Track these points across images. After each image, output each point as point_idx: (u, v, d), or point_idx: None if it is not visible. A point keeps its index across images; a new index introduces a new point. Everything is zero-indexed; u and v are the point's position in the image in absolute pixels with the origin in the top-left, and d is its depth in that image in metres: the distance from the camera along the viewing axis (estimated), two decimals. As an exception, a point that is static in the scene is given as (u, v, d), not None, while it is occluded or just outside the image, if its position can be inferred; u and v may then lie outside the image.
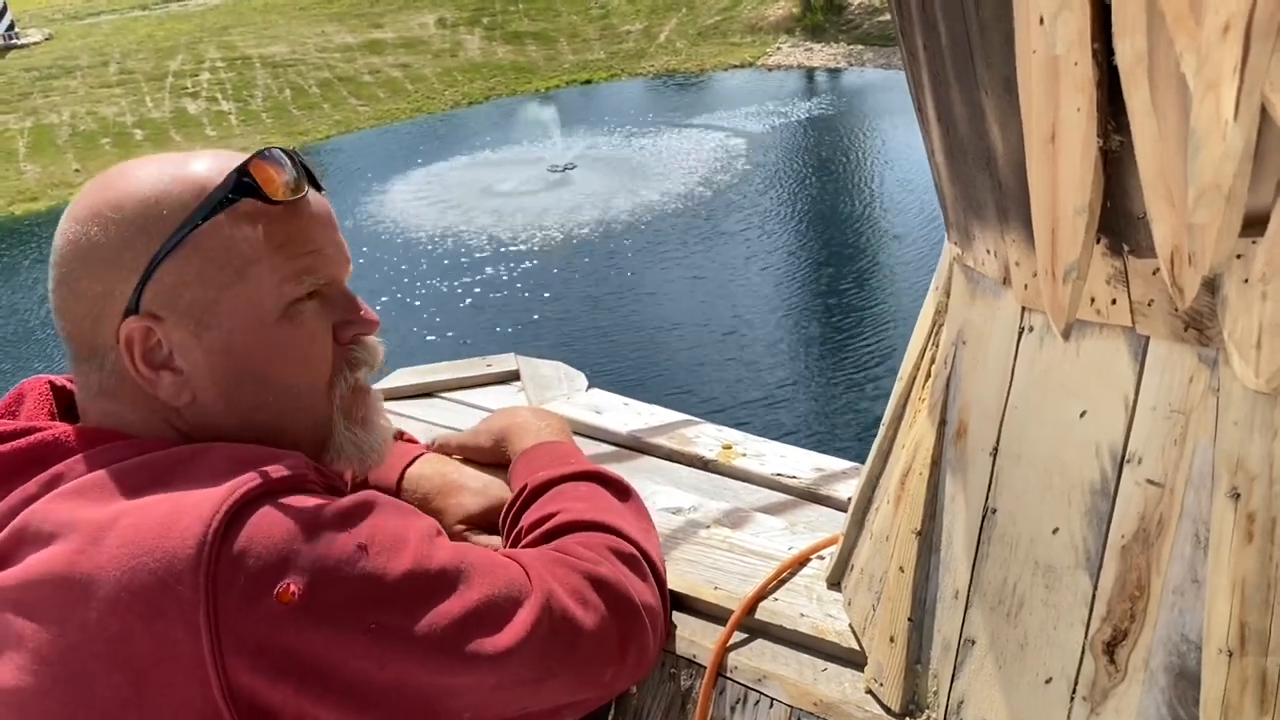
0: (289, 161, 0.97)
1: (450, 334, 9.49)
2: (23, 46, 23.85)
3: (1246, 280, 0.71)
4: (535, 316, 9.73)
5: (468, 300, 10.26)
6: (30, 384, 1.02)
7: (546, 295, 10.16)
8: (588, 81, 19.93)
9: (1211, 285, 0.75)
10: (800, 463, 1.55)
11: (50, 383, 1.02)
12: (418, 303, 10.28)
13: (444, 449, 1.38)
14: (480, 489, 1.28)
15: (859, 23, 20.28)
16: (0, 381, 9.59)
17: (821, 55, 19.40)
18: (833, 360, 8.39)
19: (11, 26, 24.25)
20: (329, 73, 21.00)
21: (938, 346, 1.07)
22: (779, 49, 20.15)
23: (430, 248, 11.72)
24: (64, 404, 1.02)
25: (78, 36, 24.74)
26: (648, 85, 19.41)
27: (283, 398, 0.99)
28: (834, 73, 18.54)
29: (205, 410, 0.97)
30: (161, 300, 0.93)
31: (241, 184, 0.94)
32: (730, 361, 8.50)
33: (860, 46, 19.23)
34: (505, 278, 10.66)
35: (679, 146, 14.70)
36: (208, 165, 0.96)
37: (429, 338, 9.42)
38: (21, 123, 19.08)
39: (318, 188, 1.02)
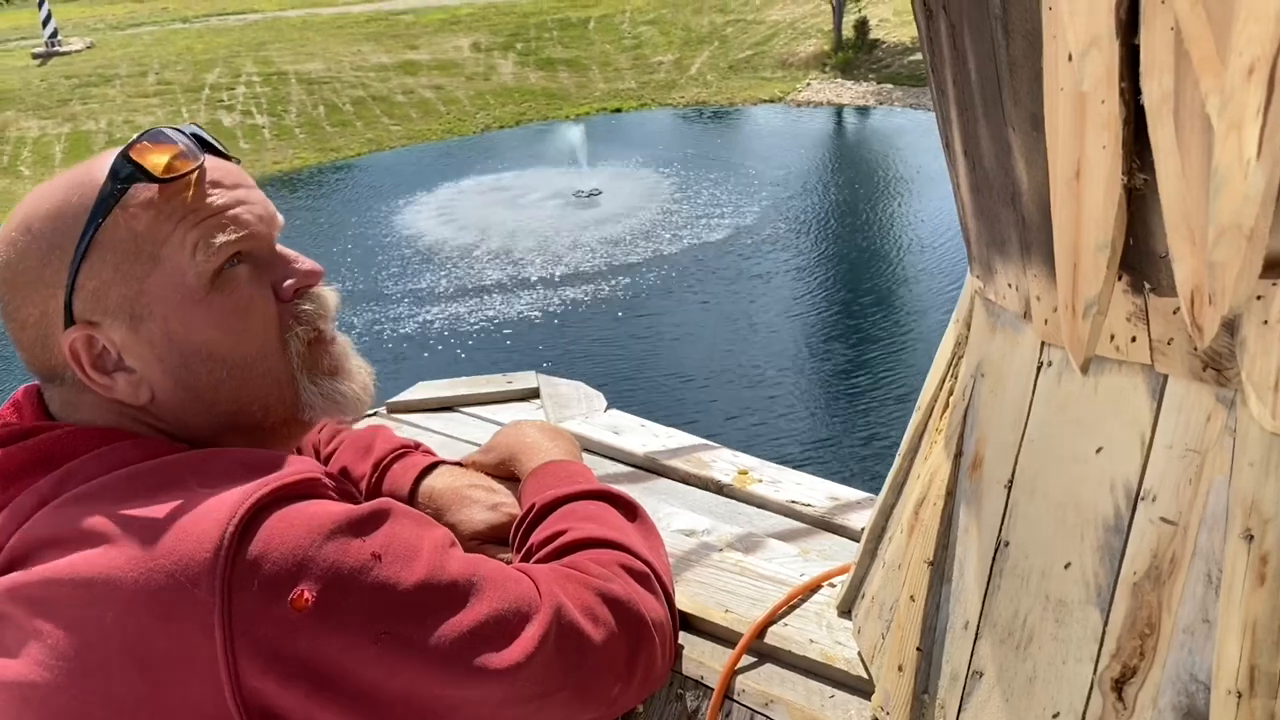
0: (178, 136, 0.96)
1: (477, 350, 9.53)
2: (65, 54, 24.25)
3: (1266, 322, 0.71)
4: (554, 337, 9.76)
5: (488, 317, 10.30)
6: (24, 391, 1.03)
7: (566, 317, 10.20)
8: (617, 110, 20.07)
9: (1231, 326, 0.75)
10: (815, 491, 1.55)
11: (40, 390, 1.03)
12: (439, 318, 10.34)
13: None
14: (493, 504, 1.28)
15: (889, 62, 20.37)
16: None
17: (851, 93, 19.48)
18: (852, 392, 8.36)
19: (55, 34, 24.67)
20: (363, 91, 21.24)
21: (956, 378, 1.08)
22: (809, 85, 20.26)
23: (454, 265, 11.80)
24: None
25: (118, 46, 25.13)
26: (677, 116, 19.53)
27: (237, 370, 0.98)
28: (863, 110, 18.61)
29: (167, 402, 0.97)
30: (91, 305, 0.93)
31: (128, 170, 0.93)
32: (749, 388, 8.49)
33: (890, 85, 19.31)
34: (526, 298, 10.71)
35: (704, 176, 14.76)
36: (100, 163, 0.96)
37: (445, 350, 9.45)
38: (60, 128, 19.38)
39: (221, 155, 1.01)
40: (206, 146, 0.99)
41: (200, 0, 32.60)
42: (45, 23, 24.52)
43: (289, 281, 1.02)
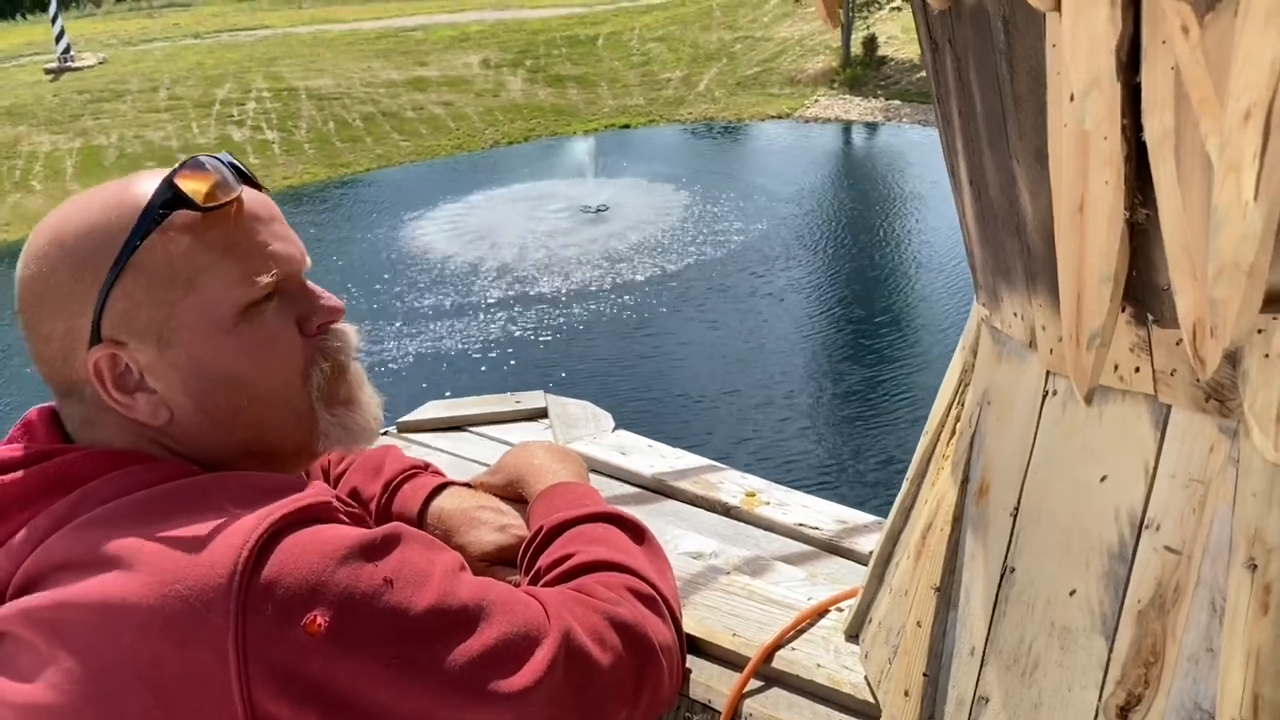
0: (218, 165, 0.97)
1: (483, 368, 9.55)
2: (77, 69, 24.41)
3: (1267, 355, 0.72)
4: (562, 356, 9.77)
5: (496, 336, 10.32)
6: (38, 411, 1.03)
7: (574, 335, 10.21)
8: (626, 126, 20.13)
9: (1233, 358, 0.76)
10: (823, 514, 1.56)
11: (54, 411, 1.04)
12: (447, 336, 10.36)
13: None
14: (502, 525, 1.29)
15: (897, 79, 20.41)
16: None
17: (859, 109, 19.52)
18: (861, 414, 8.35)
19: (68, 50, 24.84)
20: (373, 107, 21.34)
21: (963, 405, 1.08)
22: (817, 101, 20.30)
23: (462, 282, 11.83)
24: (66, 434, 1.03)
25: (130, 62, 25.30)
26: (685, 132, 19.59)
27: (258, 399, 0.99)
28: (871, 126, 18.64)
29: (186, 425, 0.98)
30: (119, 325, 0.94)
31: (170, 197, 0.94)
32: (758, 408, 8.48)
33: (898, 102, 19.34)
34: (533, 315, 10.73)
35: (712, 192, 14.79)
36: (142, 185, 0.97)
37: (453, 369, 9.48)
38: (71, 143, 19.49)
39: (256, 186, 1.02)
40: (242, 177, 1.01)
41: (212, 16, 32.83)
42: (58, 38, 24.70)
43: (314, 318, 1.03)
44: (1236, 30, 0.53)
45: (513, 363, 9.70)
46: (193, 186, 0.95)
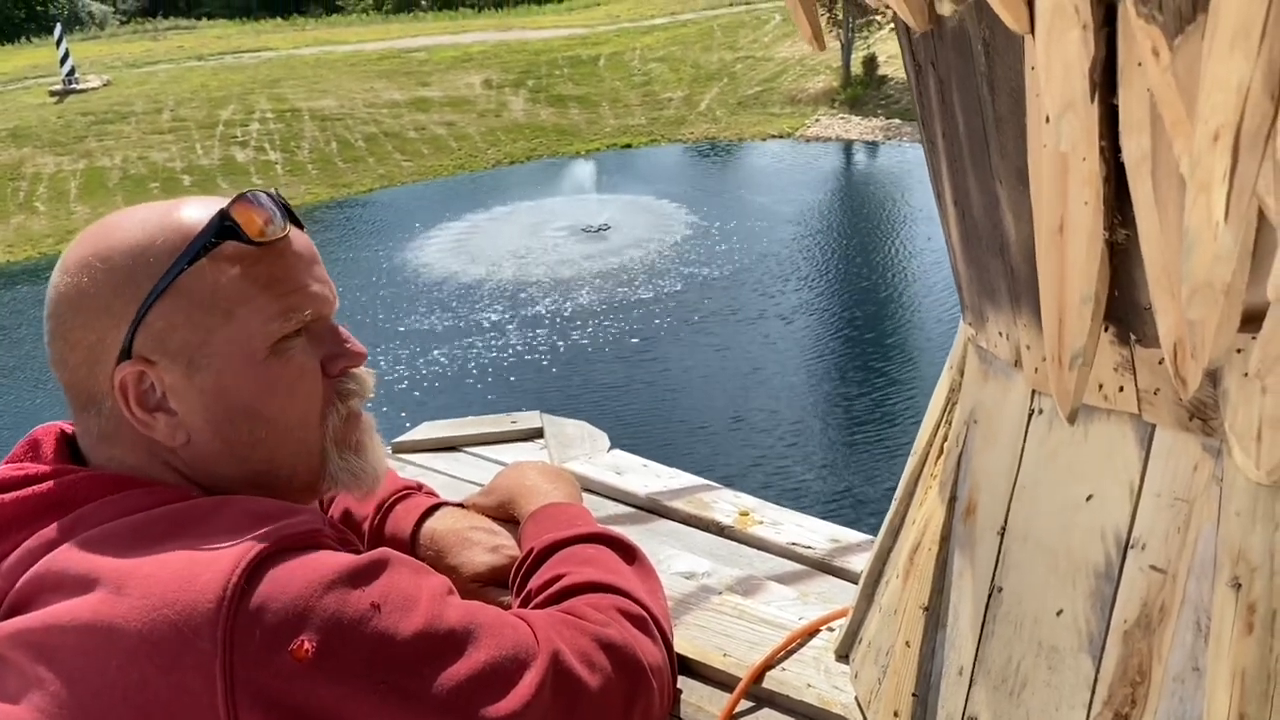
0: (270, 202, 1.00)
1: (478, 387, 9.55)
2: (82, 91, 24.57)
3: (1246, 374, 0.72)
4: (561, 375, 9.77)
5: (495, 355, 10.33)
6: (43, 430, 1.04)
7: (574, 354, 10.22)
8: (628, 145, 20.22)
9: (1214, 377, 0.77)
10: (816, 533, 1.56)
11: (62, 429, 1.05)
12: (446, 355, 10.37)
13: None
14: (494, 546, 1.29)
15: (898, 98, 20.50)
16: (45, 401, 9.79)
17: (859, 128, 19.60)
18: (855, 432, 8.33)
19: (72, 72, 25.00)
20: (375, 127, 21.46)
21: (950, 424, 1.09)
22: (818, 120, 20.39)
23: (462, 302, 11.86)
24: (75, 450, 1.04)
25: (135, 84, 25.46)
26: (686, 152, 19.66)
27: (276, 433, 1.01)
28: (871, 145, 18.71)
29: (201, 449, 0.99)
30: (152, 344, 0.96)
31: (224, 227, 0.96)
32: (752, 429, 8.47)
33: (898, 120, 19.42)
34: (534, 335, 10.74)
35: (713, 212, 14.83)
36: (192, 211, 0.99)
37: (449, 389, 9.47)
38: (75, 165, 19.60)
39: (299, 226, 1.04)
40: (289, 216, 1.03)
41: (216, 39, 33.03)
42: (63, 61, 24.86)
43: (339, 360, 1.05)
44: (1204, 54, 0.54)
45: (511, 380, 9.70)
46: (246, 219, 0.98)
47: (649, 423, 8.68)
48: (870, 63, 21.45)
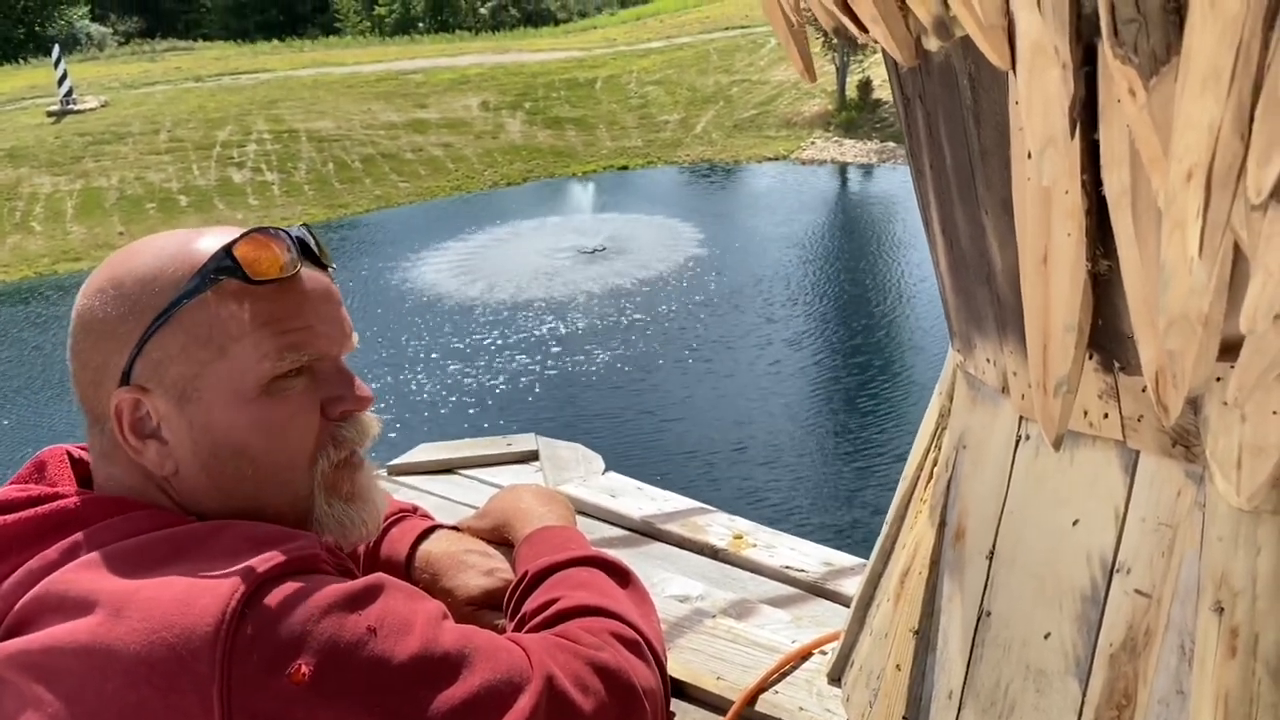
0: (285, 239, 1.00)
1: (472, 411, 9.55)
2: (79, 112, 24.63)
3: (1226, 403, 0.74)
4: (556, 397, 9.77)
5: (493, 373, 10.33)
6: (50, 453, 1.05)
7: (570, 373, 10.22)
8: (624, 167, 20.29)
9: (1195, 404, 0.78)
10: (810, 556, 1.57)
11: (68, 452, 1.06)
12: (440, 376, 10.37)
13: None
14: (489, 569, 1.29)
15: (892, 121, 20.59)
16: (53, 416, 9.77)
17: (854, 151, 19.70)
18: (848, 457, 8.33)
19: (70, 93, 25.06)
20: (372, 149, 21.52)
21: (940, 449, 1.10)
22: (813, 143, 20.49)
23: (457, 323, 11.87)
24: (80, 474, 1.05)
25: (132, 105, 25.53)
26: (682, 174, 19.74)
27: (262, 472, 1.00)
28: (865, 168, 18.81)
29: (188, 481, 0.99)
30: (149, 373, 0.96)
31: (226, 263, 0.97)
32: (747, 452, 8.47)
33: (892, 144, 19.51)
34: (532, 354, 10.75)
35: (708, 234, 14.87)
36: (206, 243, 0.99)
37: (444, 411, 9.46)
38: (72, 185, 19.62)
39: (321, 265, 1.04)
40: (307, 252, 1.02)
41: (213, 60, 33.16)
42: (61, 81, 24.94)
43: (340, 403, 1.04)
44: (1176, 95, 0.56)
45: (505, 404, 9.70)
46: (249, 256, 0.97)
47: (641, 446, 8.67)
48: (865, 86, 21.58)
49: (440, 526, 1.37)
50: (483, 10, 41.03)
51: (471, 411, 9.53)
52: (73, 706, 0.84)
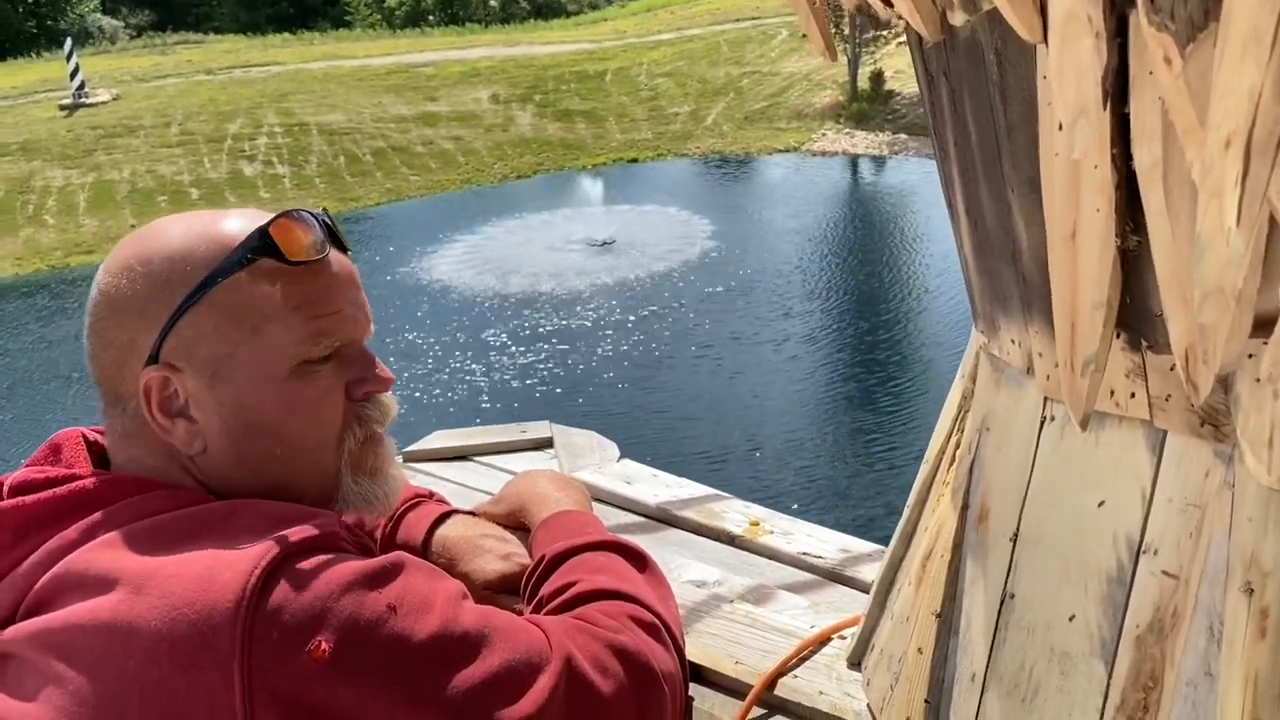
0: (314, 223, 1.01)
1: (484, 398, 9.56)
2: (91, 105, 24.70)
3: (1258, 380, 0.73)
4: (569, 387, 9.78)
5: (504, 366, 10.35)
6: (64, 435, 1.05)
7: (581, 367, 10.22)
8: (634, 160, 20.26)
9: (1226, 383, 0.77)
10: (827, 543, 1.56)
11: (83, 434, 1.06)
12: (454, 365, 10.39)
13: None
14: (505, 554, 1.29)
15: (904, 112, 20.54)
16: (61, 409, 9.80)
17: (865, 142, 19.64)
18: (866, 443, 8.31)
19: (82, 86, 25.14)
20: (383, 142, 21.53)
21: (963, 432, 1.09)
22: (824, 135, 20.43)
23: (470, 314, 11.88)
24: (96, 455, 1.05)
25: (143, 98, 25.59)
26: (692, 166, 19.70)
27: (291, 451, 1.01)
28: (877, 160, 18.74)
29: (216, 459, 1.00)
30: (180, 352, 0.97)
31: (262, 244, 0.97)
32: (760, 440, 8.46)
33: (904, 135, 19.45)
34: (543, 347, 10.75)
35: (718, 227, 14.85)
36: (235, 224, 1.00)
37: (455, 400, 9.48)
38: (84, 178, 19.68)
39: (343, 249, 1.05)
40: (333, 237, 1.03)
41: (224, 53, 33.20)
42: (73, 75, 25.01)
43: (364, 386, 1.05)
44: (1215, 61, 0.55)
45: (521, 394, 9.70)
46: (285, 238, 0.98)
47: (652, 441, 8.66)
48: (876, 78, 21.49)
49: (456, 511, 1.37)
50: (493, 3, 40.99)
51: (484, 405, 9.54)
52: (94, 684, 0.84)
